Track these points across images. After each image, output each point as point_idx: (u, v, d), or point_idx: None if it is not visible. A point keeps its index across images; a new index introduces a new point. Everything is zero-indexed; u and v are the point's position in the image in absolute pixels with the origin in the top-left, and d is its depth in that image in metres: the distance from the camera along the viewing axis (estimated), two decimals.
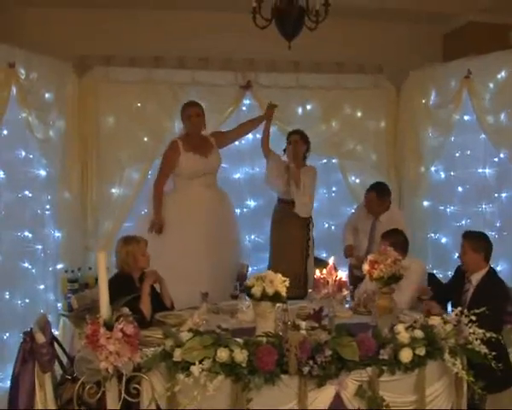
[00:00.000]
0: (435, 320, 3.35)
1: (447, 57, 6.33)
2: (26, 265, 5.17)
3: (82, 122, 5.68)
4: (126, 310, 3.02)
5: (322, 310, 3.51)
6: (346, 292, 3.43)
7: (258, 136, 5.99)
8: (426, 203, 6.03)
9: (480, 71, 5.37)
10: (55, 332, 4.64)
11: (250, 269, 6.04)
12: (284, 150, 5.42)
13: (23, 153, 5.14)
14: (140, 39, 5.94)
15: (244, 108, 6.01)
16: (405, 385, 3.17)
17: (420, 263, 4.59)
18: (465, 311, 3.35)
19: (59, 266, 5.49)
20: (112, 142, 5.72)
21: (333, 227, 6.28)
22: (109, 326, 2.91)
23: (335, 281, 3.41)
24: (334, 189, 6.34)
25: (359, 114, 6.20)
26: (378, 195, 5.26)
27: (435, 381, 3.26)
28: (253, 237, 6.14)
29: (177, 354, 3.06)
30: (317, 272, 3.48)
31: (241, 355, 2.99)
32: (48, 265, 5.41)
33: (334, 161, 6.29)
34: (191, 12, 6.03)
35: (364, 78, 6.23)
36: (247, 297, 3.58)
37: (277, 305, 3.39)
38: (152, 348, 3.21)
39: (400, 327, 3.23)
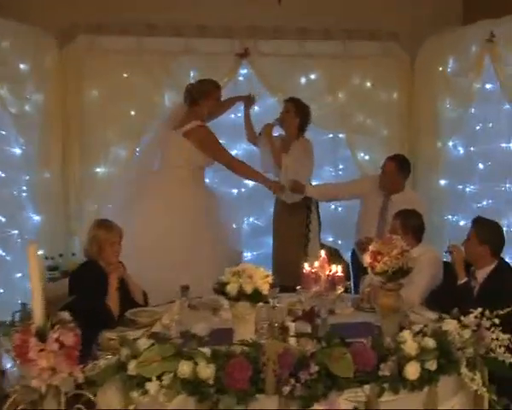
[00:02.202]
0: (450, 324, 2.68)
1: (467, 20, 5.54)
2: (0, 251, 4.60)
3: (63, 96, 5.07)
4: (66, 315, 2.39)
5: (314, 309, 2.86)
6: (341, 290, 2.76)
7: (256, 108, 5.36)
8: (443, 182, 5.30)
9: (504, 33, 4.59)
10: None
11: (249, 255, 5.48)
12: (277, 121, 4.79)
13: None
14: (131, 7, 5.28)
15: (241, 78, 5.34)
16: (411, 406, 2.49)
17: (434, 252, 3.88)
18: (486, 312, 2.69)
19: (38, 253, 4.87)
20: (96, 117, 5.11)
21: (340, 209, 5.61)
22: (42, 336, 2.30)
23: (329, 276, 2.74)
24: (341, 166, 5.66)
25: (369, 85, 5.47)
26: (398, 166, 4.52)
27: (448, 400, 2.58)
28: (251, 219, 5.50)
29: (132, 367, 2.44)
30: (306, 266, 2.81)
31: (206, 370, 2.35)
32: (26, 251, 4.81)
33: (341, 135, 5.60)
34: None
35: (375, 45, 5.47)
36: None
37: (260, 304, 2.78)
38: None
39: (406, 334, 2.55)
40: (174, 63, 5.15)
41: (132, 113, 5.12)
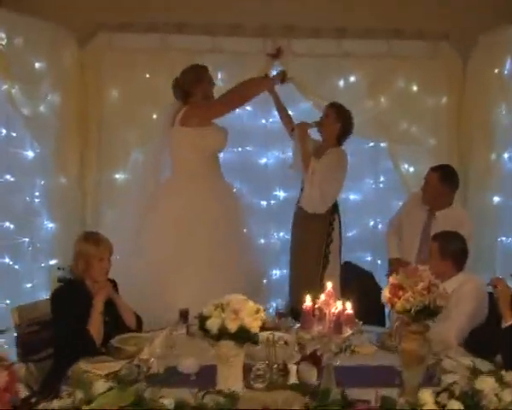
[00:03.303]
0: (486, 383, 2.09)
1: None
2: (7, 260, 4.26)
3: (82, 97, 4.70)
4: None
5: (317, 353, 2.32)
6: (349, 332, 2.20)
7: (290, 112, 4.85)
8: (496, 199, 4.59)
9: None
10: None
11: (278, 273, 4.98)
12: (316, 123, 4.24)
13: (3, 131, 4.18)
14: (156, 3, 4.87)
15: None
16: None
17: (478, 281, 3.26)
18: None
19: (52, 262, 4.54)
20: (116, 120, 4.71)
21: (380, 226, 5.00)
22: None
23: (335, 315, 2.19)
24: (382, 179, 5.04)
25: (415, 89, 4.86)
26: (442, 178, 3.93)
27: None
28: (281, 234, 4.96)
29: None
30: (308, 300, 2.27)
31: None
32: (38, 260, 4.48)
33: (382, 145, 4.99)
34: None
35: (422, 44, 4.84)
36: None
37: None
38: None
39: (427, 396, 1.98)
40: (200, 61, 4.70)
41: (154, 116, 4.67)
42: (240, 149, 4.90)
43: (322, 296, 2.29)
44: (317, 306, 2.24)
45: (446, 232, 3.35)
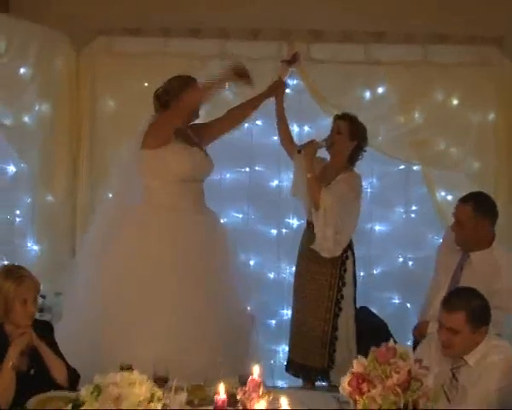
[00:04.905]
0: None
1: None
2: None
3: (74, 107, 4.19)
4: None
5: None
6: None
7: (308, 128, 4.20)
8: None
9: None
10: None
11: (289, 314, 4.27)
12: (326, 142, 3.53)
13: None
14: (173, 9, 4.32)
15: (288, 91, 3.98)
16: None
17: (509, 350, 2.46)
18: None
19: None
20: (111, 132, 4.16)
21: (410, 263, 4.21)
22: None
23: None
24: (414, 208, 4.25)
25: (455, 102, 4.07)
26: (477, 208, 3.10)
27: None
28: (294, 268, 4.21)
29: None
30: (221, 391, 1.57)
31: None
32: None
33: (415, 168, 4.23)
34: None
35: (466, 50, 4.05)
36: None
37: None
38: None
39: None
40: (205, 70, 4.11)
41: None
42: (248, 169, 4.27)
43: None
44: (238, 397, 1.55)
45: (458, 290, 2.60)
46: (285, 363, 3.64)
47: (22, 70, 3.90)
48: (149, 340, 2.86)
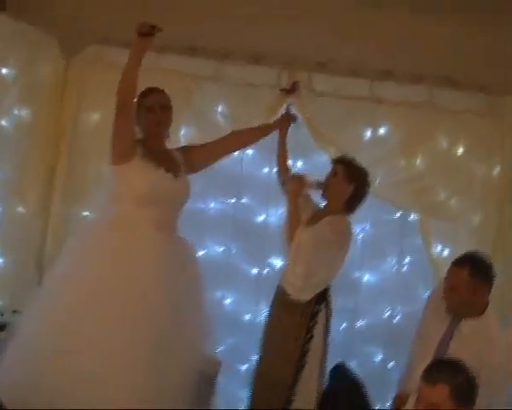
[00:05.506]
0: None
1: None
2: None
3: (56, 116, 3.92)
4: None
5: None
6: None
7: (301, 164, 3.95)
8: None
9: None
10: None
11: None
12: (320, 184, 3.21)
13: None
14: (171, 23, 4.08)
15: None
16: None
17: None
18: None
19: None
20: (93, 146, 3.85)
21: (398, 317, 3.91)
22: None
23: None
24: (407, 259, 3.96)
25: (460, 151, 3.81)
26: (473, 272, 2.80)
27: None
28: None
29: None
30: None
31: None
32: None
33: (412, 217, 3.95)
34: None
35: (474, 96, 3.81)
36: None
37: None
38: None
39: None
40: (198, 91, 3.87)
41: None
42: (233, 200, 3.99)
43: None
44: None
45: (442, 361, 2.30)
46: None
47: (4, 70, 3.68)
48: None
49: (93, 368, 2.49)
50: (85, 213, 3.93)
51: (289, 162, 3.53)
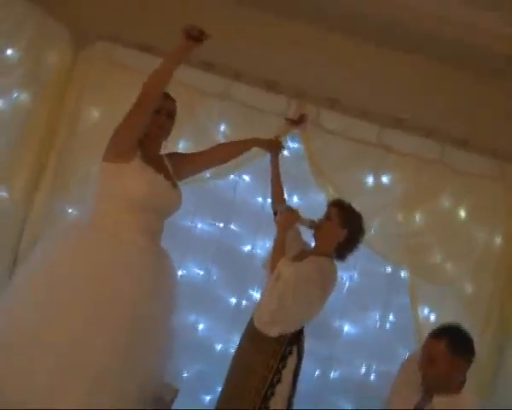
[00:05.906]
0: None
1: None
2: None
3: (55, 105, 3.81)
4: None
5: None
6: None
7: (297, 199, 3.80)
8: None
9: None
10: None
11: None
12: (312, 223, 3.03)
13: None
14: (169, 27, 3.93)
15: (286, 153, 3.58)
16: None
17: None
18: None
19: None
20: (88, 145, 3.71)
21: (373, 375, 3.71)
22: None
23: None
24: (391, 318, 3.79)
25: (463, 215, 3.66)
26: (452, 348, 2.59)
27: None
28: None
29: None
30: None
31: None
32: None
33: (403, 274, 3.76)
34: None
35: (487, 163, 3.66)
36: None
37: None
38: None
39: None
40: (202, 106, 3.74)
41: None
42: (221, 224, 3.83)
43: None
44: None
45: None
46: None
47: (10, 51, 3.57)
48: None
49: (40, 370, 2.33)
50: (70, 210, 3.79)
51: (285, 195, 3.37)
